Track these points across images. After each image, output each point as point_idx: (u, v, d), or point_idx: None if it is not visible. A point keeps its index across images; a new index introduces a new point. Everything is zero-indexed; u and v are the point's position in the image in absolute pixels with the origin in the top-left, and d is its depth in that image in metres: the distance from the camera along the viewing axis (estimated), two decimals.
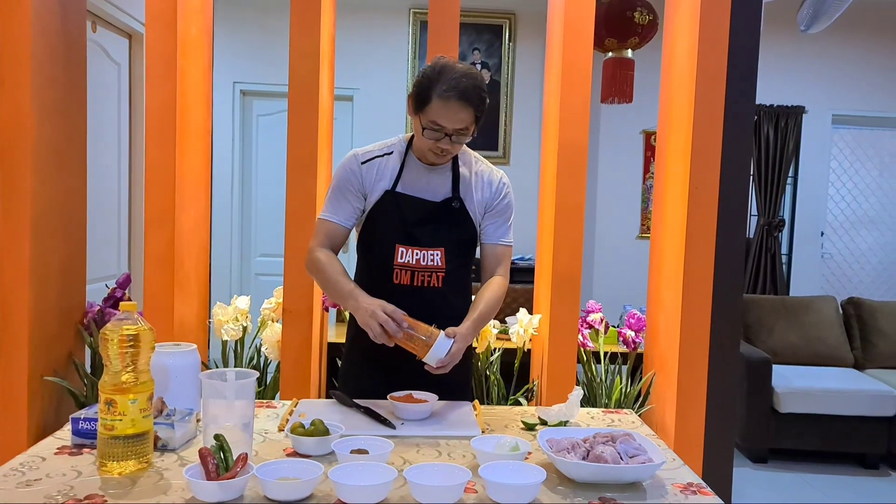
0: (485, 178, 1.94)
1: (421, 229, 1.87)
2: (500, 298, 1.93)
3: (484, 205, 1.93)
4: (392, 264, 1.86)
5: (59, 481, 1.28)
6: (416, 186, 1.89)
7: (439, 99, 1.74)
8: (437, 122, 1.76)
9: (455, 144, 1.80)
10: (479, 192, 1.92)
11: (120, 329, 1.32)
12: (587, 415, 1.89)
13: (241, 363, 2.53)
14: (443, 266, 1.87)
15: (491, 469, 1.30)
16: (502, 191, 1.94)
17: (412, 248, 1.86)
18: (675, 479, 1.42)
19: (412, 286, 1.86)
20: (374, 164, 1.90)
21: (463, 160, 1.94)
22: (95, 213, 2.60)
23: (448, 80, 1.73)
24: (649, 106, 4.47)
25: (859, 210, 5.96)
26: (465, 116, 1.75)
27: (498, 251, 1.96)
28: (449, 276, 1.89)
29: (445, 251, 1.87)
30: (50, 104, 2.11)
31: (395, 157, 1.91)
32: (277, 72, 4.16)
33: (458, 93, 1.72)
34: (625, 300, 4.52)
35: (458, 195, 1.90)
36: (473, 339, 1.83)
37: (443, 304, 1.87)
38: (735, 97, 2.41)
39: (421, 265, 1.86)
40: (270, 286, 2.75)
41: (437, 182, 1.90)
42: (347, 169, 1.91)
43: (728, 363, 2.49)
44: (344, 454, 1.36)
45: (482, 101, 1.77)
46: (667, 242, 2.49)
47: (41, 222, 2.08)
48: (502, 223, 1.96)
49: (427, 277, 1.87)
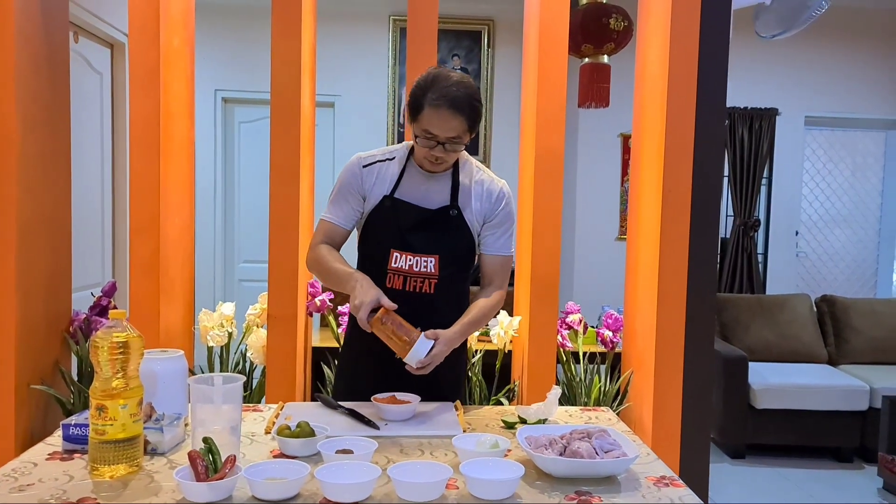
0: (485, 188, 1.94)
1: (415, 235, 1.89)
2: (494, 308, 1.96)
3: (483, 215, 1.94)
4: (386, 268, 1.89)
5: (52, 485, 1.32)
6: (415, 193, 1.91)
7: (430, 107, 1.76)
8: (429, 131, 1.79)
9: (449, 153, 1.82)
10: (478, 201, 1.93)
11: (110, 336, 1.36)
12: (565, 413, 1.94)
13: (227, 369, 2.57)
14: (436, 273, 1.89)
15: (471, 466, 1.35)
16: (502, 201, 1.95)
17: (406, 254, 1.88)
18: (649, 472, 1.47)
19: (404, 291, 1.88)
20: (375, 168, 1.93)
21: (464, 169, 1.95)
22: (79, 222, 2.62)
23: (439, 89, 1.76)
24: (626, 110, 4.53)
25: (832, 209, 6.09)
26: (457, 125, 1.77)
27: (496, 261, 1.97)
28: (442, 284, 1.90)
29: (440, 258, 1.89)
30: (34, 115, 2.13)
31: (396, 162, 1.94)
32: (259, 79, 4.19)
33: (449, 101, 1.75)
34: (604, 301, 4.59)
35: (457, 204, 1.91)
36: (458, 344, 1.86)
37: (433, 312, 1.87)
38: (706, 100, 2.48)
39: (414, 271, 1.88)
40: (254, 292, 2.79)
41: (436, 190, 1.92)
42: (350, 171, 1.95)
43: (703, 360, 2.56)
44: (329, 454, 1.41)
45: (474, 109, 1.79)
46: (642, 243, 2.56)
47: (27, 232, 2.11)
48: (501, 234, 1.96)
49: (419, 283, 1.89)
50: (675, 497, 1.34)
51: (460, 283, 1.98)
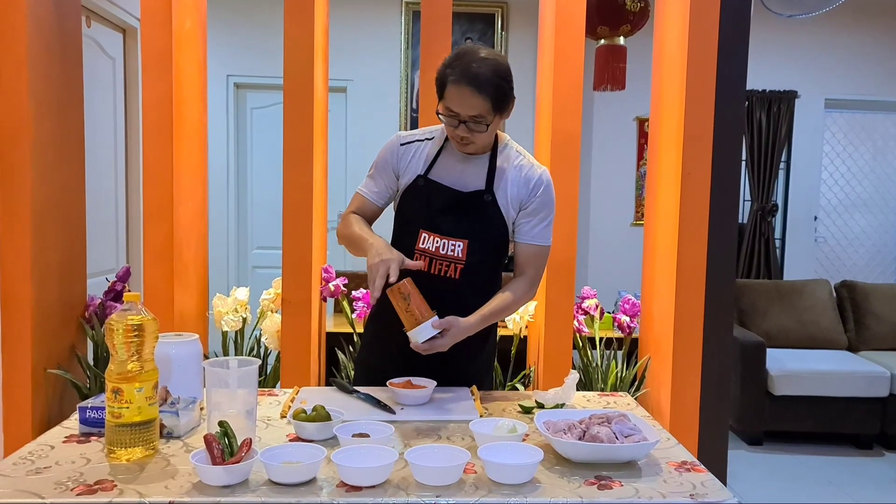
0: (523, 174, 1.85)
1: (445, 217, 1.84)
2: (520, 302, 1.88)
3: (518, 201, 1.86)
4: (414, 248, 1.85)
5: (69, 468, 1.31)
6: (449, 175, 1.86)
7: (452, 85, 1.71)
8: (450, 109, 1.74)
9: (474, 133, 1.75)
10: (514, 187, 1.85)
11: (125, 319, 1.35)
12: (583, 398, 1.92)
13: (242, 354, 2.57)
14: (463, 258, 1.83)
15: (489, 450, 1.33)
16: (540, 188, 1.85)
17: (434, 235, 1.83)
18: (670, 457, 1.45)
19: (429, 273, 1.83)
20: (413, 147, 1.90)
21: (503, 154, 1.87)
22: (93, 208, 2.61)
23: (462, 66, 1.70)
24: (642, 93, 4.48)
25: (852, 194, 6.00)
26: (478, 104, 1.71)
27: (529, 251, 1.88)
28: (468, 270, 1.83)
29: (469, 244, 1.83)
30: (47, 101, 2.13)
31: (434, 143, 1.90)
32: (271, 64, 4.17)
33: (469, 78, 1.69)
34: (619, 286, 4.56)
35: (492, 189, 1.84)
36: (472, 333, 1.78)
37: (459, 298, 1.81)
38: (726, 83, 2.44)
39: (440, 253, 1.83)
40: (268, 279, 2.78)
41: (472, 173, 1.86)
42: (388, 148, 1.92)
43: (722, 346, 2.53)
44: (346, 438, 1.39)
45: (498, 89, 1.72)
46: (660, 228, 2.52)
47: (41, 218, 2.11)
48: (538, 222, 1.87)
49: (445, 267, 1.84)
50: (697, 482, 1.32)
51: (490, 272, 1.90)
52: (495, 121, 1.77)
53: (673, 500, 1.24)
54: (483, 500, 1.22)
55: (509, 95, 1.77)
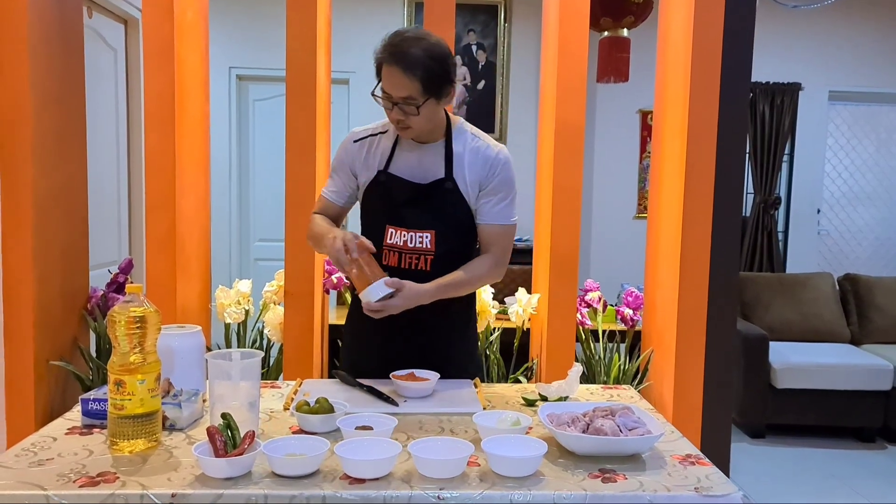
0: (479, 155, 1.84)
1: (409, 210, 1.83)
2: (483, 278, 1.86)
3: (478, 183, 1.84)
4: (382, 244, 1.84)
5: (72, 460, 1.31)
6: (408, 166, 1.84)
7: (384, 66, 1.69)
8: (383, 90, 1.71)
9: (409, 116, 1.71)
10: (473, 170, 1.83)
11: (127, 311, 1.34)
12: (586, 390, 1.92)
13: (244, 346, 2.56)
14: (432, 249, 1.82)
15: (493, 443, 1.33)
16: (497, 168, 1.83)
17: (400, 230, 1.83)
18: (674, 450, 1.45)
19: (399, 268, 1.83)
20: (367, 142, 1.89)
21: (458, 138, 1.85)
22: (95, 199, 2.61)
23: (391, 46, 1.68)
24: (645, 85, 4.46)
25: (856, 186, 5.97)
26: (408, 84, 1.67)
27: (492, 230, 1.86)
28: (439, 261, 1.83)
29: (436, 234, 1.82)
30: (49, 91, 2.12)
31: (389, 136, 1.88)
32: (273, 56, 4.16)
33: (399, 58, 1.66)
34: (622, 279, 4.55)
35: (451, 176, 1.82)
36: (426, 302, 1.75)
37: None
38: (731, 75, 2.42)
39: (409, 247, 1.83)
40: (270, 271, 2.77)
41: (430, 162, 1.84)
42: (342, 147, 1.93)
43: (725, 339, 2.52)
44: (349, 430, 1.39)
45: (429, 70, 1.67)
46: (664, 220, 2.51)
47: (43, 209, 2.10)
48: (497, 202, 1.85)
49: (415, 260, 1.83)
50: (702, 475, 1.31)
51: (461, 260, 1.88)
52: (429, 104, 1.71)
53: (678, 493, 1.24)
54: (487, 492, 1.21)
55: (443, 78, 1.71)
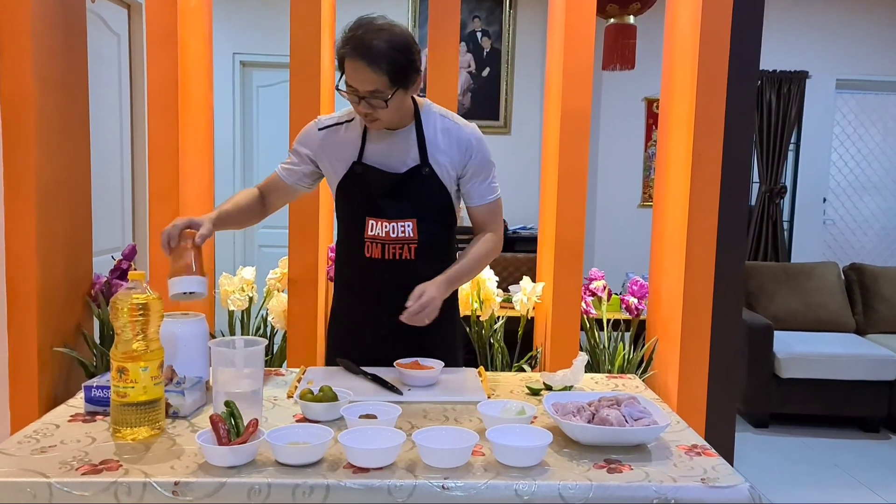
0: (452, 137, 1.81)
1: (388, 200, 1.80)
2: (490, 252, 1.86)
3: (455, 166, 1.81)
4: (363, 237, 1.81)
5: (74, 447, 1.31)
6: (381, 156, 1.80)
7: (347, 59, 1.63)
8: (348, 84, 1.66)
9: (377, 109, 1.67)
10: (447, 153, 1.80)
11: (130, 298, 1.34)
12: (591, 380, 1.91)
13: (248, 333, 2.56)
14: (415, 237, 1.80)
15: (498, 432, 1.32)
16: (472, 149, 1.81)
17: (381, 221, 1.80)
18: (680, 440, 1.44)
19: (383, 259, 1.81)
20: (334, 131, 1.84)
21: (427, 121, 1.81)
22: (99, 186, 2.59)
23: (355, 39, 1.62)
24: (651, 73, 4.43)
25: (862, 176, 5.94)
26: (374, 78, 1.62)
27: (484, 210, 1.87)
28: (423, 247, 1.81)
29: (418, 222, 1.80)
30: (52, 77, 2.10)
31: (356, 124, 1.82)
32: (277, 42, 4.11)
33: (362, 52, 1.60)
34: (626, 268, 4.54)
35: (427, 161, 1.79)
36: (448, 294, 1.77)
37: (417, 277, 1.78)
38: (739, 63, 2.40)
39: (391, 237, 1.80)
40: (274, 258, 2.76)
41: (402, 148, 1.79)
42: (306, 132, 1.88)
43: (731, 329, 2.51)
44: (353, 419, 1.38)
45: (394, 62, 1.62)
46: (669, 209, 2.50)
47: (46, 195, 2.09)
48: (481, 182, 1.84)
49: (398, 250, 1.81)
50: (708, 466, 1.31)
51: (443, 246, 1.88)
52: (397, 95, 1.67)
53: (684, 484, 1.23)
54: (492, 482, 1.20)
55: (409, 69, 1.66)
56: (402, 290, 1.71)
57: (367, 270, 1.82)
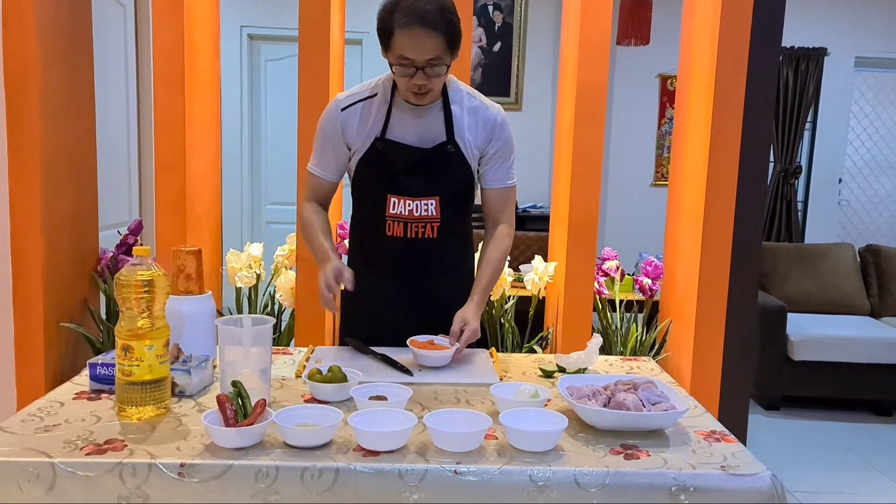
0: (479, 116, 1.78)
1: (412, 177, 1.76)
2: (507, 251, 1.85)
3: (479, 146, 1.79)
4: (384, 215, 1.77)
5: (79, 426, 1.28)
6: (407, 131, 1.76)
7: (401, 29, 1.59)
8: (404, 56, 1.62)
9: (431, 79, 1.64)
10: (472, 132, 1.78)
11: (135, 274, 1.30)
12: (605, 362, 1.87)
13: (256, 311, 2.53)
14: (437, 216, 1.77)
15: (512, 416, 1.28)
16: (497, 130, 1.79)
17: (404, 199, 1.76)
18: (698, 426, 1.40)
19: (405, 238, 1.78)
20: (357, 108, 1.78)
21: (454, 98, 1.78)
22: (105, 159, 2.55)
23: (407, 7, 1.58)
24: (665, 49, 4.35)
25: (879, 156, 5.82)
26: (433, 44, 1.59)
27: (500, 195, 1.84)
28: (445, 226, 1.79)
29: (441, 199, 1.77)
30: (56, 47, 2.05)
31: (380, 99, 1.78)
32: (286, 15, 4.06)
33: (419, 19, 1.57)
34: (637, 247, 4.47)
35: (453, 138, 1.76)
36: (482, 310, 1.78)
37: (439, 257, 1.78)
38: (760, 37, 2.33)
39: (414, 216, 1.77)
40: (282, 234, 2.73)
41: (429, 125, 1.76)
42: (328, 118, 1.80)
43: (747, 310, 2.47)
44: (363, 401, 1.35)
45: (450, 24, 1.61)
46: (686, 188, 2.44)
47: (51, 169, 2.05)
48: (501, 165, 1.82)
49: (421, 228, 1.77)
50: (728, 453, 1.27)
51: (463, 225, 1.87)
52: (451, 62, 1.67)
53: (703, 471, 1.19)
54: (505, 467, 1.17)
55: (460, 31, 1.65)
56: (422, 270, 1.70)
57: (388, 249, 1.78)
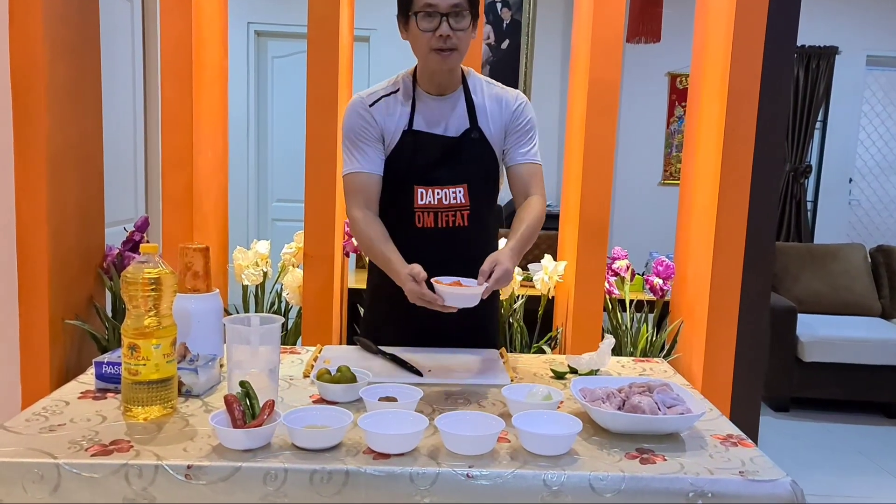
0: (501, 102, 1.80)
1: (440, 168, 1.76)
2: (541, 218, 1.76)
3: (503, 128, 1.80)
4: (412, 208, 1.76)
5: (84, 426, 1.26)
6: (432, 121, 1.77)
7: None
8: (429, 4, 1.63)
9: (457, 32, 1.65)
10: (495, 118, 1.79)
11: (141, 272, 1.28)
12: (617, 363, 1.84)
13: (262, 308, 2.50)
14: (467, 203, 1.76)
15: (524, 419, 1.26)
16: (521, 108, 1.80)
17: (432, 188, 1.75)
18: (714, 430, 1.37)
19: (436, 228, 1.77)
20: (382, 104, 1.78)
21: (474, 87, 1.80)
22: (112, 155, 2.53)
23: None
24: (676, 47, 4.31)
25: (890, 155, 5.77)
26: None
27: (527, 169, 1.79)
28: (474, 214, 1.78)
29: (469, 186, 1.76)
30: (63, 41, 2.03)
31: (402, 93, 1.79)
32: (293, 12, 4.02)
33: None
34: (646, 246, 4.44)
35: (477, 125, 1.77)
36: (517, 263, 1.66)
37: (468, 245, 1.75)
38: (776, 34, 2.29)
39: (444, 204, 1.76)
40: (288, 232, 2.70)
41: (452, 114, 1.77)
42: (356, 115, 1.77)
43: (759, 311, 2.43)
44: (372, 402, 1.32)
45: None
46: (698, 187, 2.41)
47: (57, 164, 2.03)
48: (527, 142, 1.80)
49: (451, 217, 1.77)
50: (746, 458, 1.24)
51: (489, 212, 1.86)
52: (472, 25, 1.69)
53: (721, 476, 1.16)
54: (518, 471, 1.14)
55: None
56: (456, 260, 1.65)
57: (419, 241, 1.75)
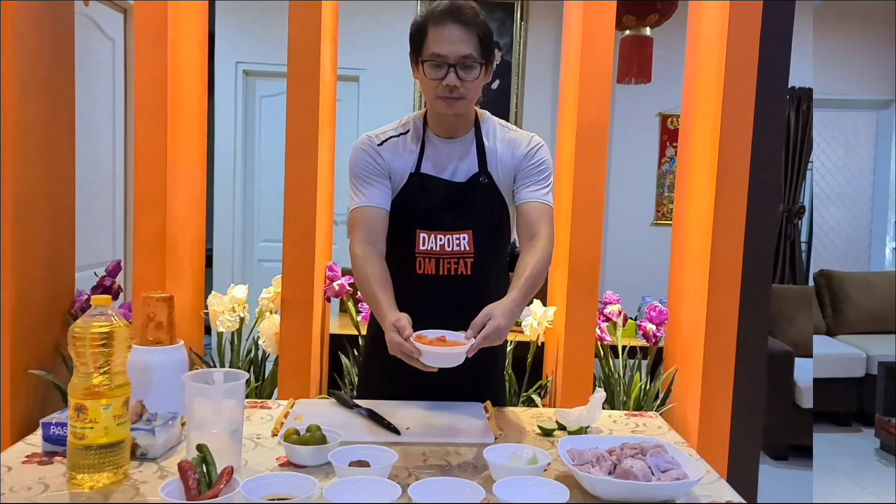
0: (513, 143, 1.72)
1: (445, 211, 1.68)
2: (546, 264, 1.63)
3: (513, 171, 1.71)
4: (413, 253, 1.68)
5: (23, 496, 1.14)
6: (440, 165, 1.71)
7: (434, 28, 1.60)
8: (437, 53, 1.59)
9: (464, 82, 1.60)
10: (505, 161, 1.71)
11: (90, 326, 1.18)
12: (608, 418, 1.74)
13: (238, 356, 2.39)
14: (471, 251, 1.68)
15: (506, 486, 1.15)
16: (535, 150, 1.71)
17: (435, 234, 1.68)
18: (712, 496, 1.27)
19: (437, 275, 1.68)
20: (390, 144, 1.72)
21: (486, 132, 1.74)
22: (89, 197, 2.45)
23: (442, 7, 1.61)
24: (666, 87, 4.29)
25: (827, 188, 6.07)
26: (465, 38, 1.58)
27: (535, 209, 1.67)
28: (479, 262, 1.69)
29: (474, 233, 1.68)
30: (35, 78, 1.96)
31: (412, 135, 1.74)
32: (282, 51, 3.96)
33: (453, 15, 1.59)
34: (638, 289, 4.36)
35: (486, 170, 1.70)
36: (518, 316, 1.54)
37: (472, 297, 1.61)
38: (767, 72, 2.25)
39: (446, 251, 1.68)
40: (274, 273, 2.60)
41: (462, 158, 1.71)
42: (364, 153, 1.71)
43: (756, 357, 2.34)
44: (342, 467, 1.22)
45: (484, 25, 1.61)
46: (691, 229, 2.34)
47: (24, 206, 1.94)
48: (538, 182, 1.69)
49: (454, 265, 1.68)
50: None
51: (497, 262, 1.76)
52: (483, 72, 1.63)
53: None
54: None
55: (492, 46, 1.65)
56: (456, 311, 1.52)
57: (419, 289, 1.66)
